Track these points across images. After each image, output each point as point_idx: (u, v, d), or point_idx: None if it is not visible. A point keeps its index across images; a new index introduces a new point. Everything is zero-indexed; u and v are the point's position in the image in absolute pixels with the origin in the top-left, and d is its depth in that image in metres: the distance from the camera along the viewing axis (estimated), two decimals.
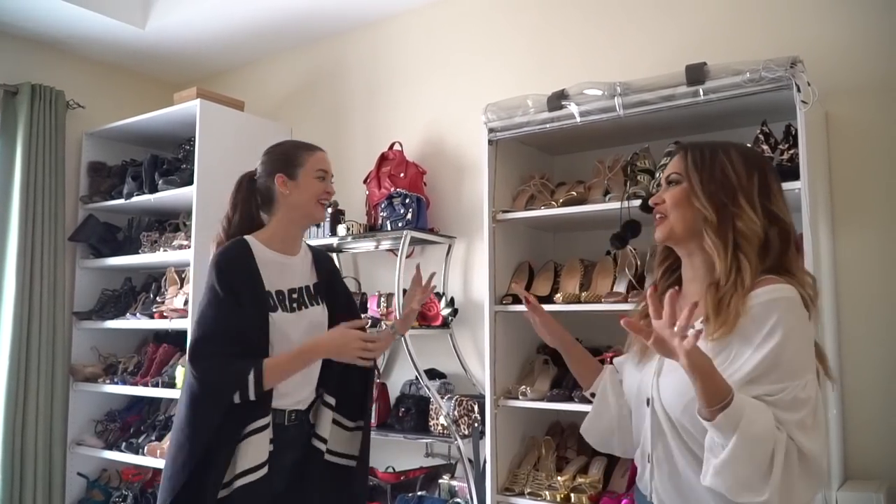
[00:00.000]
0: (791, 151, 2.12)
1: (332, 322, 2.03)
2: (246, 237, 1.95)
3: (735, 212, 1.31)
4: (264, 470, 1.82)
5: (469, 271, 3.14)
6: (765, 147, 2.19)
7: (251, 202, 2.02)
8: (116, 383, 3.58)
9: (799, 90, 2.01)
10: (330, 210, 3.08)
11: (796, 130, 2.08)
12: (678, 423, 1.28)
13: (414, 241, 3.07)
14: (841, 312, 2.30)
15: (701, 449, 1.22)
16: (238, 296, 1.84)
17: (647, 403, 1.36)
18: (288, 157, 2.00)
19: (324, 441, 2.00)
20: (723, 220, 1.31)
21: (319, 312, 2.02)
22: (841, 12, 2.41)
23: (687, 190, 1.36)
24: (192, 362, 1.81)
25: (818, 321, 1.31)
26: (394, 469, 3.03)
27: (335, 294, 2.10)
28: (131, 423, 3.73)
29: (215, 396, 1.79)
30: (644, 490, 1.39)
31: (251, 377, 1.77)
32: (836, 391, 2.16)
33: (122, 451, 3.51)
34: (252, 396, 1.78)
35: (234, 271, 1.87)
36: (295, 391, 1.94)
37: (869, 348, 2.28)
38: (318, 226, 3.18)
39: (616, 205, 2.34)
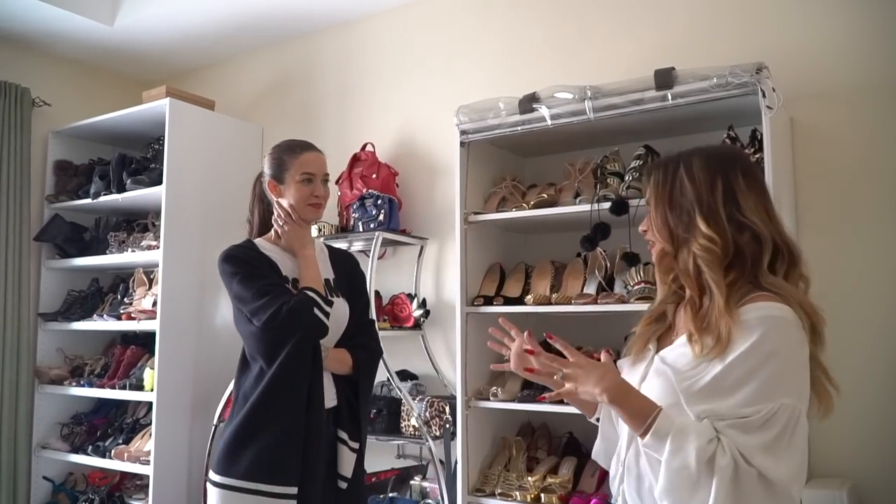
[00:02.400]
0: (757, 156, 2.16)
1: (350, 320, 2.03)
2: (253, 240, 2.02)
3: (686, 237, 1.28)
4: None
5: (441, 273, 3.15)
6: None
7: (263, 202, 2.06)
8: (83, 385, 3.53)
9: (764, 95, 2.05)
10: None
11: (762, 135, 2.12)
12: None
13: (386, 243, 3.06)
14: None
15: None
16: (258, 268, 1.90)
17: None
18: (276, 161, 2.01)
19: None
20: (679, 247, 1.30)
21: (339, 304, 1.99)
22: (807, 20, 2.46)
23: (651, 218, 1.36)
24: (265, 324, 1.81)
25: (821, 345, 1.31)
26: (365, 471, 3.01)
27: (353, 294, 2.07)
28: (98, 425, 3.67)
29: (303, 330, 1.83)
30: (614, 493, 1.38)
31: (308, 296, 1.83)
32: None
33: (88, 454, 3.45)
34: (328, 308, 1.86)
35: (246, 255, 1.93)
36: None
37: (833, 348, 2.31)
38: None
39: (586, 207, 2.36)
